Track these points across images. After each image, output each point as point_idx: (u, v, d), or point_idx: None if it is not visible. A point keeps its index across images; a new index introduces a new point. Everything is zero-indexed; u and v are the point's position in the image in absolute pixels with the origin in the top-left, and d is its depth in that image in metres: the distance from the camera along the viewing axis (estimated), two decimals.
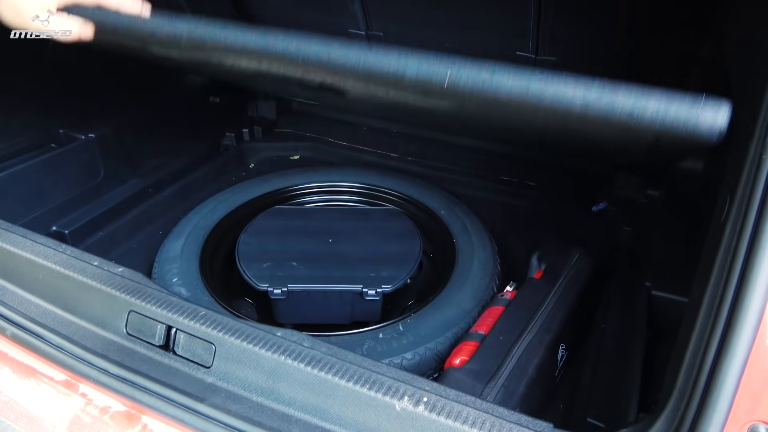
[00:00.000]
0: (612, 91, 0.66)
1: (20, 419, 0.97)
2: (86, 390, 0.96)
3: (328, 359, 0.88)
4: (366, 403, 0.82)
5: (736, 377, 0.60)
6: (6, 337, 1.02)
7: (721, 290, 0.63)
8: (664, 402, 0.70)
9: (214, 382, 0.92)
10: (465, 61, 0.76)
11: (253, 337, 0.91)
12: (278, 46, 0.85)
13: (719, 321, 0.62)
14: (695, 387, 0.64)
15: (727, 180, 0.72)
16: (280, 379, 0.88)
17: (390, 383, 0.83)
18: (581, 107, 0.67)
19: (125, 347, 0.98)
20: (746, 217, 0.60)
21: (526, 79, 0.72)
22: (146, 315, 0.98)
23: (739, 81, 0.88)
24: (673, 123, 0.63)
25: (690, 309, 0.74)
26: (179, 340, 0.95)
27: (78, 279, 1.05)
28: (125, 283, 1.03)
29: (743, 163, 0.63)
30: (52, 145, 1.58)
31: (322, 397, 0.85)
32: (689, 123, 0.62)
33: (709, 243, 0.72)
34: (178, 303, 0.99)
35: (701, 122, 0.62)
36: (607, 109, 0.66)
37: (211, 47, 0.92)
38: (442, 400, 0.81)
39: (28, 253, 1.11)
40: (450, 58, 0.76)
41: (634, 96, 0.65)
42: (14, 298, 1.09)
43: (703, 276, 0.68)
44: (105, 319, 1.01)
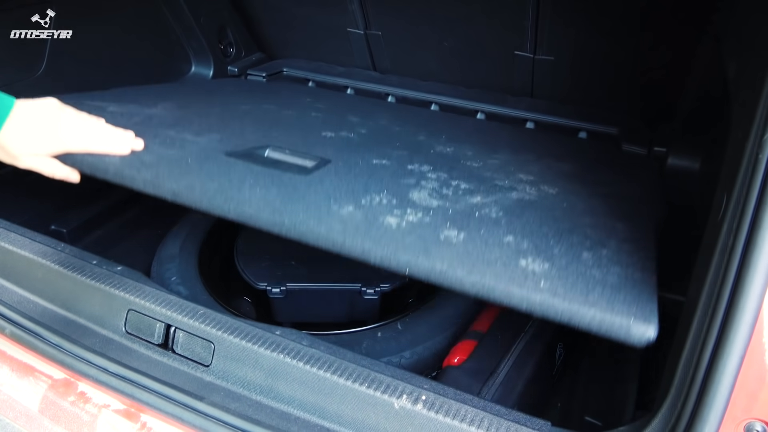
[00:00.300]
0: (551, 297, 0.73)
1: (19, 417, 0.97)
2: (85, 388, 0.96)
3: (327, 358, 0.88)
4: (365, 401, 0.83)
5: (733, 375, 0.60)
6: (5, 335, 1.02)
7: (718, 289, 0.63)
8: (661, 400, 0.70)
9: (213, 380, 0.92)
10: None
11: (252, 335, 0.92)
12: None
13: (716, 319, 0.63)
14: (692, 385, 0.65)
15: (724, 178, 0.72)
16: (279, 377, 0.88)
17: (389, 382, 0.84)
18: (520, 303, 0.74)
19: (124, 346, 0.98)
20: (743, 215, 0.60)
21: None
22: (145, 314, 0.98)
23: (736, 81, 0.89)
24: (606, 331, 0.70)
25: (687, 308, 0.74)
26: (178, 338, 0.95)
27: (77, 278, 1.05)
28: (124, 282, 1.03)
29: (740, 161, 0.63)
30: None
31: (321, 395, 0.85)
32: (620, 333, 0.70)
33: (706, 241, 0.72)
34: (177, 302, 0.99)
35: (632, 334, 0.69)
36: (544, 312, 0.73)
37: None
38: (441, 399, 0.81)
39: (26, 252, 1.11)
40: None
41: (569, 306, 0.72)
42: (13, 296, 1.09)
43: (700, 274, 0.69)
44: (104, 317, 1.01)
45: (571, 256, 0.82)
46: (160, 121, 1.30)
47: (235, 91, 1.80)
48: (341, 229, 0.85)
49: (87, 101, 1.41)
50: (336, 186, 1.00)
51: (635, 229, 0.95)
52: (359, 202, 0.94)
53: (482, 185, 1.08)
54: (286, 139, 1.26)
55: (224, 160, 1.08)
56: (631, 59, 1.68)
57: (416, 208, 0.93)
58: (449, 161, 1.23)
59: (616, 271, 0.79)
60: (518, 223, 0.91)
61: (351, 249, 0.82)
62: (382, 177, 1.07)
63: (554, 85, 1.85)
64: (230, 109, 1.52)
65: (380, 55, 2.08)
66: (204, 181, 0.98)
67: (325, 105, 1.72)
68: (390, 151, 1.25)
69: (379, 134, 1.42)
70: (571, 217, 0.97)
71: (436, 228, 0.87)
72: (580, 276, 0.77)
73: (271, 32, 2.22)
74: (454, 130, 1.58)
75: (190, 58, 2.03)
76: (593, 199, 1.07)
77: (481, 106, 1.84)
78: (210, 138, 1.21)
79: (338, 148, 1.23)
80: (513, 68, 1.85)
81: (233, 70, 2.10)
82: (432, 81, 2.01)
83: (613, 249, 0.86)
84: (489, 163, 1.25)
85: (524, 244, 0.85)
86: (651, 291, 0.75)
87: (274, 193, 0.94)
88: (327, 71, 2.11)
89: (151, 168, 1.01)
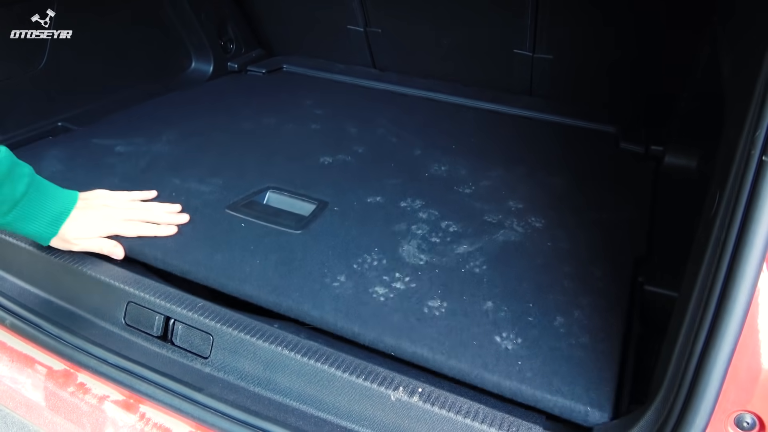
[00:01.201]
0: (519, 384, 0.82)
1: (19, 407, 0.98)
2: (85, 379, 0.97)
3: (325, 350, 0.89)
4: (361, 393, 0.84)
5: (723, 368, 0.61)
6: (5, 326, 1.03)
7: (710, 283, 0.64)
8: (655, 393, 0.71)
9: (212, 372, 0.93)
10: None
11: (250, 328, 0.93)
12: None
13: (708, 312, 0.64)
14: (684, 378, 0.66)
15: (717, 175, 0.73)
16: (277, 369, 0.89)
17: (385, 374, 0.85)
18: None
19: (123, 338, 0.99)
20: (734, 211, 0.61)
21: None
22: (145, 306, 0.99)
23: (729, 79, 0.90)
24: (566, 415, 0.80)
25: (680, 302, 0.75)
26: (177, 330, 0.96)
27: (77, 269, 1.06)
28: (124, 274, 1.04)
29: (732, 158, 0.64)
30: (50, 138, 1.58)
31: (318, 387, 0.86)
32: (578, 418, 0.79)
33: (700, 237, 0.73)
34: (177, 294, 1.00)
35: (588, 419, 0.79)
36: (513, 396, 0.82)
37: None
38: (437, 391, 0.82)
39: (27, 244, 1.12)
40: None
41: (535, 393, 0.81)
42: (13, 288, 1.10)
43: (693, 269, 0.70)
44: (103, 309, 1.02)
45: (545, 324, 0.93)
46: (166, 164, 1.40)
47: (235, 101, 1.83)
48: (333, 311, 0.94)
49: (94, 140, 1.47)
50: (331, 245, 1.10)
51: (611, 276, 1.04)
52: (351, 267, 1.04)
53: (471, 225, 1.19)
54: (286, 173, 1.37)
55: (226, 219, 1.18)
56: (629, 58, 1.69)
57: (404, 271, 1.03)
58: (442, 189, 1.33)
59: (584, 342, 0.89)
60: (500, 281, 1.02)
61: (342, 332, 0.92)
62: (375, 224, 1.18)
63: (553, 84, 1.87)
64: (232, 131, 1.60)
65: (380, 53, 2.08)
66: (208, 254, 1.07)
67: (324, 111, 1.74)
68: (385, 180, 1.36)
69: (376, 152, 1.51)
70: (552, 265, 1.07)
71: (421, 299, 0.97)
72: (549, 352, 0.87)
73: (272, 28, 2.23)
74: (450, 137, 1.61)
75: (191, 54, 2.04)
76: (578, 234, 1.17)
77: (480, 104, 1.85)
78: (213, 185, 1.31)
79: (335, 182, 1.34)
80: (512, 66, 1.86)
81: (233, 66, 2.10)
82: (431, 79, 2.02)
83: (586, 311, 0.95)
84: (481, 186, 1.35)
85: (502, 311, 0.95)
86: (611, 371, 0.84)
87: (272, 265, 1.05)
88: (327, 68, 2.12)
89: (159, 245, 1.09)
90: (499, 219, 1.21)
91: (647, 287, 1.03)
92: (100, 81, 1.74)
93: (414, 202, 1.26)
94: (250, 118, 1.69)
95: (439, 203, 1.26)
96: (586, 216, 1.23)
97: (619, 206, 1.28)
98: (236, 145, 1.52)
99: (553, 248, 1.12)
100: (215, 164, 1.41)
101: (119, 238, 1.09)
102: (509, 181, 1.38)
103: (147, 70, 1.89)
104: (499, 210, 1.24)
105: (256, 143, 1.54)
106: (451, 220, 1.20)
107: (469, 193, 1.31)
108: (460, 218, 1.21)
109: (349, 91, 1.97)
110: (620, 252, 1.12)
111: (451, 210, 1.24)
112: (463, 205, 1.26)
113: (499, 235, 1.16)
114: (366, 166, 1.43)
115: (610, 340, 0.89)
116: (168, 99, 1.82)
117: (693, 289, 0.67)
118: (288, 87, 1.98)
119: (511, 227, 1.18)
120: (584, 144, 1.62)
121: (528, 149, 1.55)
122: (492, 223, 1.19)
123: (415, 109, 1.81)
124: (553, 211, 1.25)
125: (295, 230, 1.15)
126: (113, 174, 1.35)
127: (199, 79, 2.01)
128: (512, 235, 1.16)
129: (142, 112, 1.71)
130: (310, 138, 1.58)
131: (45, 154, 1.41)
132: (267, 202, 1.29)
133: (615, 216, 1.24)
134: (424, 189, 1.32)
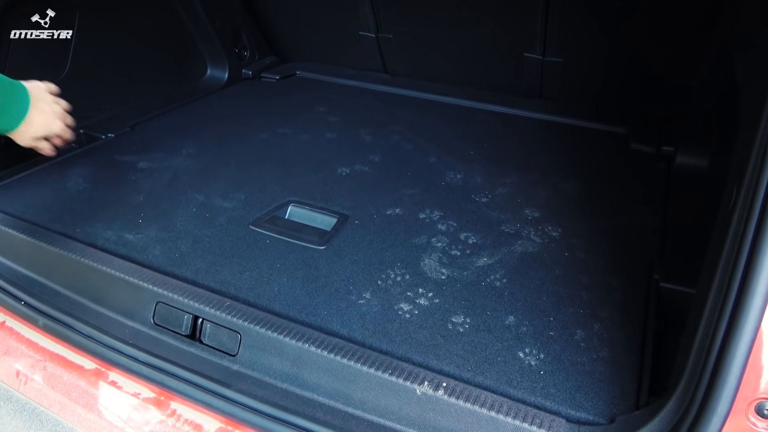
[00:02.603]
0: (543, 399, 0.85)
1: (53, 405, 1.01)
2: (116, 378, 0.99)
3: (350, 347, 0.91)
4: (387, 387, 0.86)
5: (743, 357, 0.63)
6: (38, 327, 1.06)
7: (729, 276, 0.66)
8: (675, 384, 0.73)
9: (240, 369, 0.95)
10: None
11: (277, 326, 0.95)
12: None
13: (727, 305, 0.66)
14: (704, 368, 0.68)
15: (733, 170, 0.75)
16: (305, 366, 0.91)
17: (410, 369, 0.87)
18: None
19: (153, 337, 1.02)
20: (752, 205, 0.63)
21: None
22: (173, 305, 1.01)
23: (743, 80, 0.92)
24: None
25: (698, 295, 0.77)
26: (206, 329, 0.99)
27: (106, 271, 1.09)
28: (152, 275, 1.07)
29: (749, 155, 0.66)
30: (73, 144, 1.62)
31: (344, 382, 0.89)
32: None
33: (717, 232, 0.75)
34: (204, 294, 1.02)
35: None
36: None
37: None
38: (461, 385, 0.84)
39: (56, 248, 1.15)
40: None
41: (559, 409, 0.84)
42: (45, 290, 1.13)
43: (712, 263, 0.72)
44: (133, 309, 1.05)
45: (566, 337, 0.95)
46: (188, 179, 1.45)
47: (251, 110, 1.87)
48: (361, 330, 0.97)
49: (116, 156, 1.52)
50: (354, 260, 1.14)
51: (628, 286, 1.07)
52: (376, 283, 1.07)
53: (489, 236, 1.22)
54: (305, 185, 1.41)
55: (251, 235, 1.22)
56: (638, 60, 1.71)
57: (427, 286, 1.07)
58: (459, 199, 1.36)
59: (604, 356, 0.91)
60: (520, 295, 1.05)
61: (371, 348, 0.93)
62: (396, 237, 1.21)
63: (563, 86, 1.89)
64: (249, 142, 1.64)
65: (391, 58, 2.12)
66: (236, 273, 1.10)
67: (338, 118, 1.78)
68: (402, 190, 1.39)
69: (392, 160, 1.54)
70: (570, 276, 1.10)
71: (444, 314, 1.00)
72: (571, 367, 0.89)
73: (285, 35, 2.27)
74: (464, 142, 1.64)
75: (206, 62, 2.08)
76: (593, 242, 1.19)
77: (491, 107, 1.88)
78: (235, 200, 1.35)
79: (354, 193, 1.38)
80: (522, 70, 1.88)
81: (247, 73, 2.14)
82: (442, 83, 2.05)
83: (605, 324, 0.98)
84: (497, 195, 1.38)
85: (524, 326, 0.98)
86: (632, 385, 0.86)
87: (299, 283, 1.08)
88: (338, 74, 2.16)
89: (189, 265, 1.13)
90: (516, 229, 1.24)
91: (663, 284, 1.05)
92: (119, 89, 1.78)
93: (432, 213, 1.29)
94: (267, 127, 1.72)
95: (457, 214, 1.29)
96: (600, 223, 1.26)
97: (632, 210, 1.30)
98: (255, 157, 1.55)
99: (571, 258, 1.15)
100: (236, 178, 1.44)
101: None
102: (524, 187, 1.40)
103: (164, 77, 1.93)
104: (516, 219, 1.27)
105: (274, 154, 1.57)
106: (469, 232, 1.22)
107: (486, 202, 1.34)
108: (478, 229, 1.23)
109: (362, 95, 2.01)
110: (635, 260, 1.14)
111: (470, 221, 1.26)
112: (480, 215, 1.29)
113: (517, 246, 1.18)
114: (383, 175, 1.46)
115: (629, 353, 0.92)
116: (185, 109, 1.86)
117: (711, 282, 0.69)
118: (301, 93, 2.02)
119: (528, 237, 1.21)
120: (595, 145, 1.64)
121: (540, 152, 1.58)
122: (510, 234, 1.22)
123: (427, 113, 1.84)
124: (569, 218, 1.27)
125: (319, 246, 1.18)
126: (138, 191, 1.38)
127: (215, 85, 2.05)
128: (530, 245, 1.18)
129: (160, 123, 1.75)
130: (327, 148, 1.61)
131: (70, 173, 1.46)
132: (289, 216, 1.32)
133: (629, 221, 1.27)
134: (442, 198, 1.35)
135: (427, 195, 1.37)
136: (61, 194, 1.37)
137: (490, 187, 1.40)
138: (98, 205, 1.32)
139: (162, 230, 1.24)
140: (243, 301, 1.03)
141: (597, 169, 1.50)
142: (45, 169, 1.47)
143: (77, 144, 1.62)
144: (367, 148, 1.59)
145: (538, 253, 1.16)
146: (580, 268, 1.12)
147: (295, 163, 1.52)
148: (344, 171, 1.48)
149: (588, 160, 1.55)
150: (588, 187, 1.40)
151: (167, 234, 1.22)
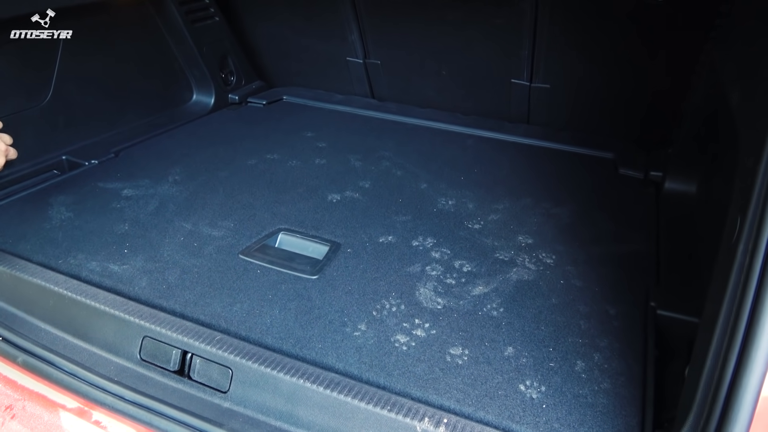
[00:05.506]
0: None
1: None
2: (100, 417, 0.95)
3: (347, 382, 0.88)
4: (386, 425, 0.83)
5: (756, 389, 0.62)
6: (17, 364, 1.01)
7: (736, 308, 0.65)
8: (683, 418, 0.71)
9: (232, 406, 0.92)
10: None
11: (270, 360, 0.92)
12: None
13: (736, 338, 0.65)
14: (714, 402, 0.66)
15: (736, 201, 0.75)
16: (299, 402, 0.88)
17: (410, 405, 0.84)
18: None
19: (140, 374, 0.98)
20: (759, 236, 0.63)
21: None
22: (161, 340, 0.98)
23: (741, 108, 0.93)
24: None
25: (704, 328, 0.76)
26: (195, 365, 0.95)
27: (89, 304, 1.05)
28: (138, 308, 1.03)
29: (753, 186, 0.66)
30: (55, 171, 1.58)
31: (341, 419, 0.85)
32: None
33: (721, 263, 0.74)
34: (193, 328, 0.99)
35: None
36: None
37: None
38: (463, 421, 0.82)
39: (38, 279, 1.10)
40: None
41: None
42: (24, 325, 1.08)
43: (717, 295, 0.71)
44: (118, 344, 1.01)
45: (567, 369, 0.93)
46: (174, 206, 1.42)
47: (238, 135, 1.85)
48: (357, 364, 0.94)
49: (100, 183, 1.48)
50: (348, 290, 1.12)
51: (625, 314, 1.06)
52: (371, 314, 1.05)
53: (484, 263, 1.20)
54: (295, 212, 1.39)
55: (241, 265, 1.19)
56: (626, 87, 1.74)
57: (423, 317, 1.04)
58: (451, 226, 1.35)
59: (606, 387, 0.90)
60: (518, 325, 1.03)
61: (369, 383, 0.90)
62: (389, 265, 1.19)
63: (550, 112, 1.91)
64: (237, 168, 1.62)
65: (379, 83, 2.12)
66: (227, 306, 1.07)
67: (327, 143, 1.76)
68: (394, 217, 1.38)
69: (382, 186, 1.53)
70: (567, 304, 1.09)
71: (442, 346, 0.98)
72: (573, 400, 0.87)
73: (272, 61, 2.27)
74: (453, 168, 1.64)
75: (192, 87, 2.06)
76: (588, 269, 1.19)
77: (479, 132, 1.88)
78: (224, 229, 1.32)
79: (345, 221, 1.36)
80: (510, 96, 1.90)
81: (234, 98, 2.13)
82: (430, 108, 2.06)
83: (605, 354, 0.97)
84: (489, 221, 1.37)
85: (523, 357, 0.96)
86: (636, 417, 0.85)
87: (292, 315, 1.04)
88: (326, 99, 2.15)
89: (177, 297, 1.09)
90: (510, 256, 1.23)
91: (660, 312, 1.04)
92: (103, 114, 1.75)
93: (425, 241, 1.28)
94: (254, 152, 1.70)
95: (451, 241, 1.28)
96: (594, 249, 1.25)
97: (624, 236, 1.30)
98: (243, 184, 1.52)
99: (566, 286, 1.14)
100: (224, 205, 1.42)
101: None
102: (516, 213, 1.40)
103: (150, 103, 1.90)
104: (509, 246, 1.26)
105: (263, 181, 1.55)
106: (464, 259, 1.21)
107: (478, 229, 1.33)
108: (472, 257, 1.22)
109: (350, 121, 2.00)
110: (631, 287, 1.13)
111: (463, 248, 1.25)
112: (474, 243, 1.27)
113: (512, 273, 1.17)
114: (374, 202, 1.45)
115: (631, 385, 0.90)
116: (171, 134, 1.83)
117: (718, 314, 0.68)
118: (289, 118, 2.00)
119: (523, 265, 1.20)
120: (584, 171, 1.65)
121: (530, 178, 1.58)
122: (504, 261, 1.21)
123: (415, 138, 1.84)
124: (562, 245, 1.27)
125: (311, 275, 1.15)
126: (122, 220, 1.34)
127: (201, 110, 2.02)
128: (525, 273, 1.17)
129: (145, 149, 1.72)
130: (316, 174, 1.59)
131: (53, 201, 1.42)
132: (279, 245, 1.29)
133: (621, 248, 1.26)
134: (434, 226, 1.34)
135: (419, 222, 1.35)
136: (43, 223, 1.32)
137: (482, 213, 1.39)
138: (81, 235, 1.27)
139: (148, 261, 1.20)
140: (234, 334, 1.00)
141: (587, 194, 1.50)
142: (25, 198, 1.43)
143: (59, 171, 1.58)
144: (357, 174, 1.58)
145: (533, 281, 1.15)
146: (577, 296, 1.11)
147: (285, 190, 1.49)
148: (335, 197, 1.46)
149: (577, 185, 1.55)
150: (579, 212, 1.40)
151: (154, 264, 1.18)
